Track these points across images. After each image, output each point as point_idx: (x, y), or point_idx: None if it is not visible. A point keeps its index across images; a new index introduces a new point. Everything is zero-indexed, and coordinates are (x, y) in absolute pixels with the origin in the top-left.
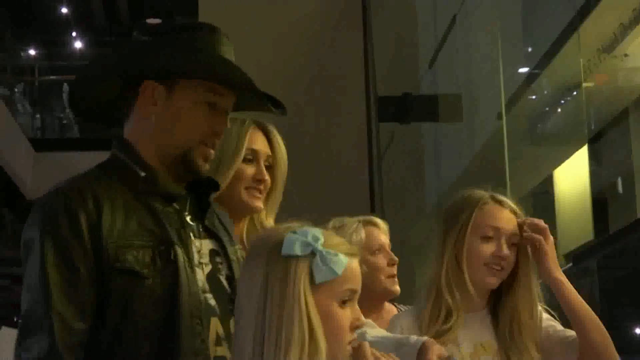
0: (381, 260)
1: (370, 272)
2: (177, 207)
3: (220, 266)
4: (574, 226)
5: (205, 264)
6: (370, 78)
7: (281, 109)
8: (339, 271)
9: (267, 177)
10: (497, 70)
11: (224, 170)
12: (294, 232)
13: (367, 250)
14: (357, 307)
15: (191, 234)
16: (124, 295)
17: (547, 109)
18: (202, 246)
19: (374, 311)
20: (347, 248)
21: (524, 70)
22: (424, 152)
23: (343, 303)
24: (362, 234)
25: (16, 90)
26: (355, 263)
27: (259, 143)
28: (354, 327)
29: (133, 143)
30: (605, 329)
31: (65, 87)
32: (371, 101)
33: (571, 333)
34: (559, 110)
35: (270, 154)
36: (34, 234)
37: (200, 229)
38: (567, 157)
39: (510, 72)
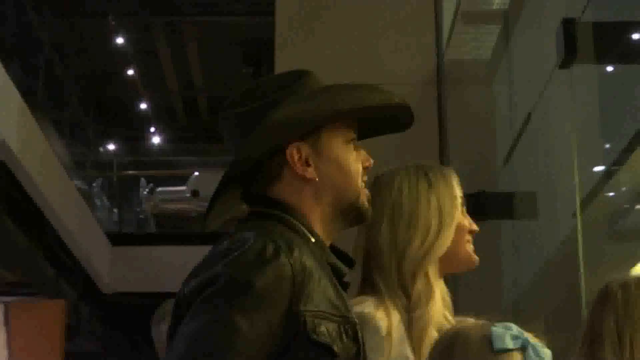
0: None
1: None
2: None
3: None
4: None
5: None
6: None
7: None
8: None
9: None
10: (572, 168)
11: (447, 227)
12: (495, 327)
13: None
14: None
15: None
16: None
17: (625, 205)
18: None
19: None
20: (539, 339)
21: (600, 167)
22: (501, 250)
23: None
24: None
25: (94, 184)
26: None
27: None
28: None
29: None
30: None
31: (143, 181)
32: None
33: None
34: (637, 207)
35: None
36: (225, 273)
37: None
38: None
39: (587, 169)
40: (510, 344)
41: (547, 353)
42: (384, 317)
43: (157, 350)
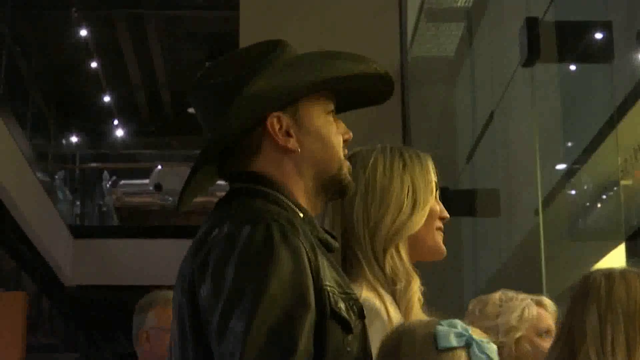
0: (547, 344)
1: (533, 354)
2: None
3: None
4: None
5: None
6: None
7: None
8: (495, 358)
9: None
10: (534, 166)
11: (421, 208)
12: (441, 325)
13: (534, 331)
14: None
15: None
16: (335, 350)
17: (586, 204)
18: None
19: None
20: (486, 336)
21: (562, 166)
22: (462, 247)
23: None
24: (534, 311)
25: (57, 177)
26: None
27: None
28: None
29: (279, 182)
30: None
31: (106, 174)
32: None
33: None
34: (598, 206)
35: None
36: (231, 267)
37: None
38: (606, 254)
39: (548, 167)
40: (454, 341)
41: (492, 348)
42: (375, 298)
43: (134, 338)
